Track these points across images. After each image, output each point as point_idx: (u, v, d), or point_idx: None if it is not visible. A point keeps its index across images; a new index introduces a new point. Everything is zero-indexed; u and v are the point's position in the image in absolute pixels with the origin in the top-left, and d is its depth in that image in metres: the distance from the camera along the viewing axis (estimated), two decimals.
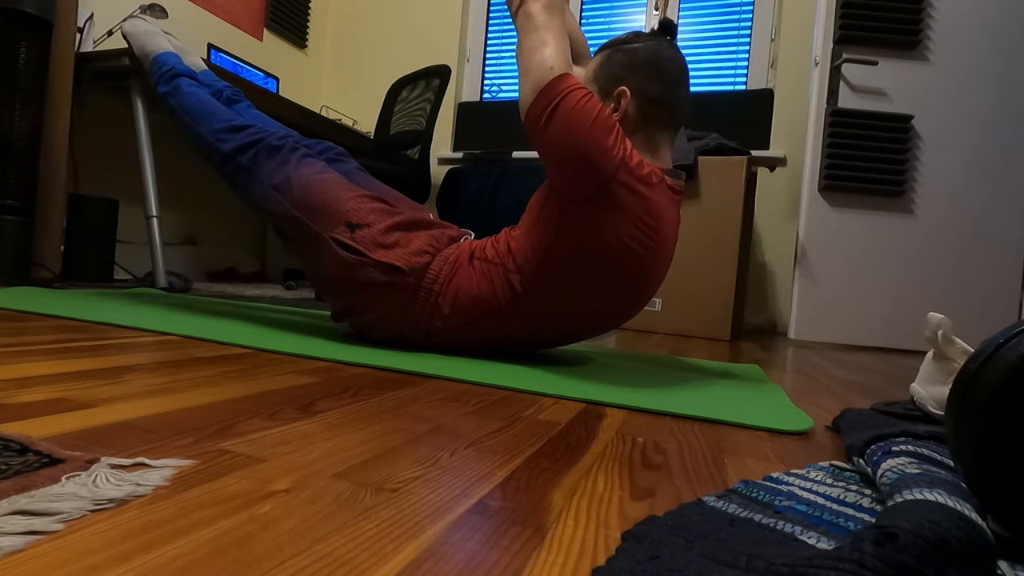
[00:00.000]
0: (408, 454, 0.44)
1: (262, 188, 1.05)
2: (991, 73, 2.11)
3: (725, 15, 2.77)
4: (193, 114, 1.15)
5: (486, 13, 3.18)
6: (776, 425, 0.65)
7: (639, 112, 0.92)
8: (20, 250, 1.56)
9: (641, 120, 0.92)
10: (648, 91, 0.91)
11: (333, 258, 0.99)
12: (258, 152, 1.07)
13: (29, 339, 0.80)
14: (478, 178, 2.81)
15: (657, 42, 0.93)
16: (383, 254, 0.97)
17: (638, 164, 0.86)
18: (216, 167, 1.12)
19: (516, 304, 0.93)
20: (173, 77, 1.21)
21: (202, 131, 1.12)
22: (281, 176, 1.04)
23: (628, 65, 0.92)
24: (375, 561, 0.27)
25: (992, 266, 2.12)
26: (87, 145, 2.20)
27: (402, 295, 0.96)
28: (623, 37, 0.96)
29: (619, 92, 0.92)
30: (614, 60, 0.94)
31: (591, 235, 0.86)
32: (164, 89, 1.21)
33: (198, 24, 2.61)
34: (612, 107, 0.92)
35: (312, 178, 1.04)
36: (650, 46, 0.93)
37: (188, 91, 1.18)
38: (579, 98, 0.84)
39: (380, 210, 1.02)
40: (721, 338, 1.93)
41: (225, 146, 1.09)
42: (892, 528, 0.27)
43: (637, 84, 0.91)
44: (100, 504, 0.31)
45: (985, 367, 0.34)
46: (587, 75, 0.98)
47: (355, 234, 0.98)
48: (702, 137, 2.09)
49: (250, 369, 0.73)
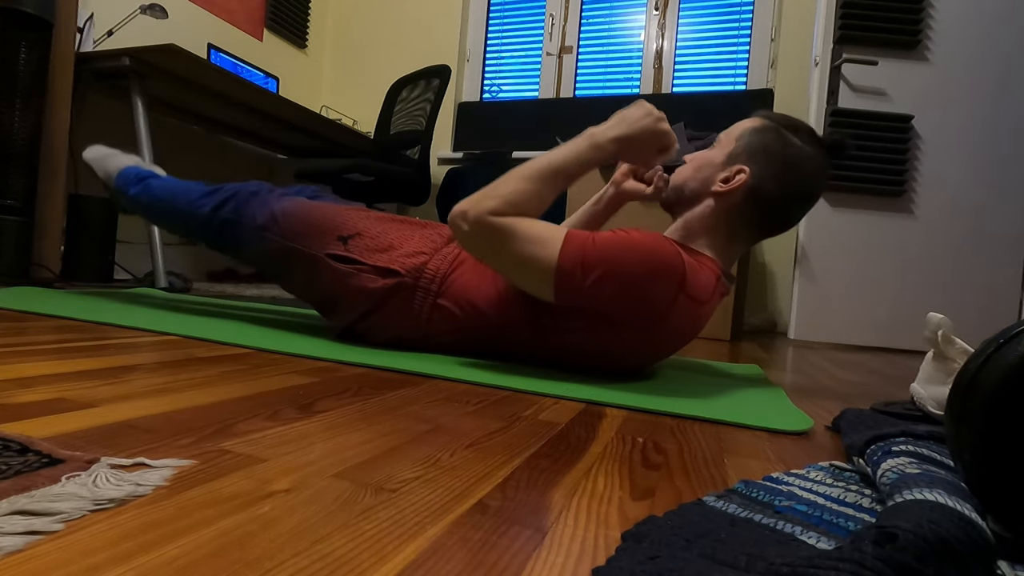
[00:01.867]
0: (408, 454, 0.44)
1: (251, 233, 1.06)
2: (991, 73, 2.11)
3: (725, 15, 2.77)
4: (168, 197, 1.17)
5: (486, 13, 3.18)
6: (776, 425, 0.65)
7: (744, 200, 0.85)
8: (20, 250, 1.56)
9: (743, 209, 0.86)
10: (767, 190, 0.84)
11: (331, 275, 0.99)
12: (237, 203, 1.08)
13: (29, 339, 0.80)
14: (478, 178, 2.81)
15: (814, 152, 0.85)
16: (378, 258, 0.97)
17: (693, 280, 0.79)
18: (203, 235, 1.13)
19: (537, 324, 0.88)
20: (141, 179, 1.23)
21: (179, 206, 1.14)
22: (265, 215, 1.06)
23: (772, 154, 0.85)
24: (375, 561, 0.27)
25: (992, 266, 2.12)
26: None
27: (400, 296, 0.96)
28: (793, 122, 0.87)
29: (739, 169, 0.85)
30: (765, 139, 0.86)
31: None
32: (136, 190, 1.22)
33: (198, 24, 2.61)
34: (725, 176, 0.86)
35: (296, 206, 1.06)
36: (805, 152, 0.85)
37: (158, 183, 1.21)
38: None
39: (369, 218, 1.03)
40: (721, 338, 1.93)
41: (204, 209, 1.11)
42: (892, 528, 0.27)
43: (763, 175, 0.84)
44: (100, 504, 0.31)
45: (985, 367, 0.34)
46: (734, 130, 0.90)
47: (348, 245, 0.99)
48: (702, 137, 2.09)
49: (250, 369, 0.73)
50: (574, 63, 3.01)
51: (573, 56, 3.01)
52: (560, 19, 3.03)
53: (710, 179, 0.89)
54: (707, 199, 0.89)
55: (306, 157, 3.05)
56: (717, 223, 0.88)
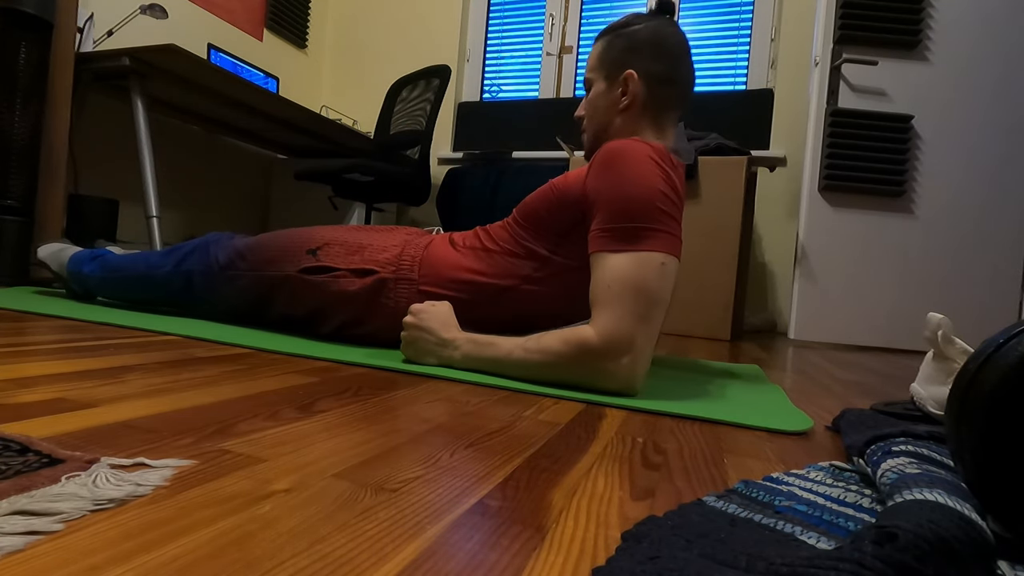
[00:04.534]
0: (408, 454, 0.44)
1: (217, 276, 1.08)
2: (991, 73, 2.11)
3: (725, 15, 2.77)
4: (127, 265, 1.18)
5: (486, 13, 3.18)
6: (776, 425, 0.65)
7: (647, 93, 0.90)
8: (20, 250, 1.56)
9: (649, 101, 0.91)
10: (654, 71, 0.90)
11: (307, 289, 0.99)
12: (197, 255, 1.10)
13: (29, 339, 0.80)
14: (478, 178, 2.81)
15: (657, 21, 0.92)
16: (352, 260, 0.97)
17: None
18: (167, 292, 1.14)
19: (534, 280, 0.91)
20: (95, 257, 1.24)
21: (139, 271, 1.16)
22: (227, 255, 1.07)
23: (631, 48, 0.91)
24: (375, 561, 0.27)
25: (992, 266, 2.12)
26: (87, 145, 2.20)
27: (384, 294, 0.96)
28: (621, 21, 0.94)
29: (626, 76, 0.90)
30: (616, 45, 0.92)
31: None
32: (91, 267, 1.22)
33: (198, 24, 2.61)
34: (620, 92, 0.91)
35: (259, 239, 1.07)
36: (650, 26, 0.91)
37: (113, 256, 1.22)
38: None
39: (335, 229, 1.05)
40: (721, 338, 1.93)
41: (166, 268, 1.12)
42: (892, 528, 0.27)
43: (642, 66, 0.90)
44: (100, 504, 0.31)
45: (985, 367, 0.34)
46: (591, 63, 0.96)
47: (319, 255, 1.00)
48: (702, 137, 2.09)
49: (250, 369, 0.73)
50: (574, 63, 3.01)
51: (573, 56, 3.01)
52: (560, 19, 3.03)
53: (610, 104, 0.93)
54: (617, 119, 0.93)
55: (306, 157, 3.05)
56: (639, 127, 0.92)
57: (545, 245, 0.91)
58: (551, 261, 0.91)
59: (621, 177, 0.79)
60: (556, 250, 0.91)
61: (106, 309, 1.17)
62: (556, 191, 0.90)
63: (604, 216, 0.79)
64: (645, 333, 0.73)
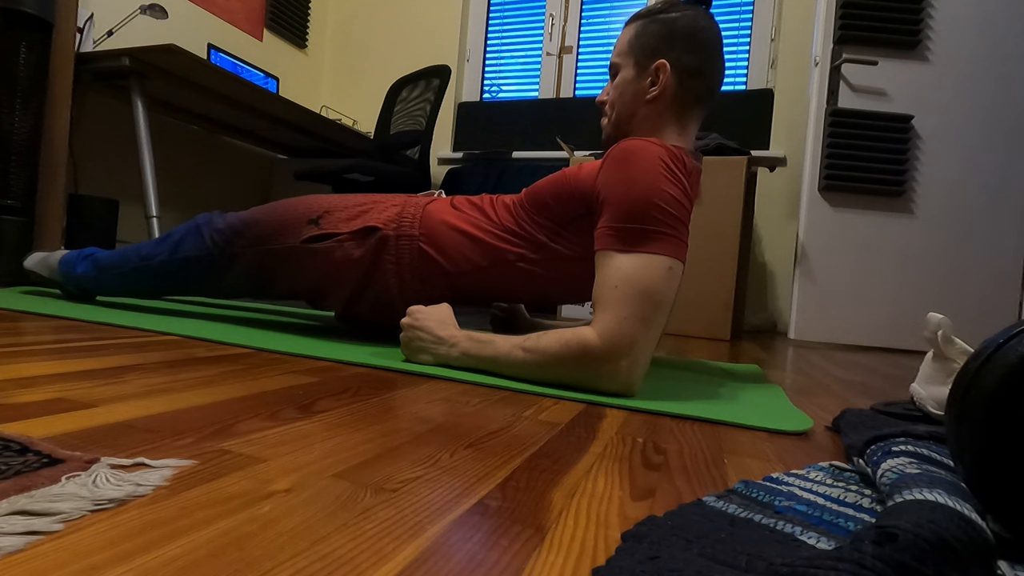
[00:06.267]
0: (408, 454, 0.44)
1: (217, 258, 1.06)
2: (990, 73, 2.11)
3: (725, 15, 2.77)
4: (118, 260, 1.16)
5: (486, 13, 3.18)
6: (776, 425, 0.65)
7: (677, 86, 0.87)
8: (20, 250, 1.56)
9: (678, 94, 0.88)
10: (686, 64, 0.87)
11: (313, 259, 0.99)
12: (191, 240, 1.08)
13: (29, 339, 0.80)
14: (478, 178, 2.81)
15: (694, 11, 0.89)
16: (355, 224, 0.98)
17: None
18: (165, 281, 1.12)
19: (535, 254, 0.93)
20: (85, 256, 1.23)
21: (133, 264, 1.14)
22: (223, 235, 1.05)
23: (665, 36, 0.87)
24: (375, 561, 0.27)
25: (992, 266, 2.12)
26: (87, 145, 2.20)
27: (387, 253, 0.97)
28: (657, 6, 0.91)
29: (658, 66, 0.87)
30: (649, 31, 0.89)
31: None
32: (84, 267, 1.21)
33: (198, 24, 2.61)
34: (649, 81, 0.88)
35: (255, 212, 1.06)
36: (688, 15, 0.88)
37: (104, 253, 1.21)
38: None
39: (334, 197, 1.05)
40: (721, 338, 1.93)
41: (160, 256, 1.10)
42: (892, 528, 0.27)
43: (675, 56, 0.87)
44: (100, 504, 0.31)
45: (985, 367, 0.34)
46: (619, 47, 0.93)
47: (321, 223, 0.99)
48: (702, 137, 2.09)
49: (250, 369, 0.73)
50: (574, 63, 3.01)
51: (573, 56, 3.01)
52: (560, 19, 3.03)
53: (637, 93, 0.90)
54: (642, 109, 0.90)
55: (306, 157, 3.05)
56: (663, 120, 0.89)
57: (545, 232, 0.92)
58: (547, 247, 0.92)
59: (632, 178, 0.78)
60: (555, 239, 0.91)
61: (106, 309, 1.17)
62: (568, 182, 0.89)
63: (613, 214, 0.79)
64: (646, 336, 0.73)
